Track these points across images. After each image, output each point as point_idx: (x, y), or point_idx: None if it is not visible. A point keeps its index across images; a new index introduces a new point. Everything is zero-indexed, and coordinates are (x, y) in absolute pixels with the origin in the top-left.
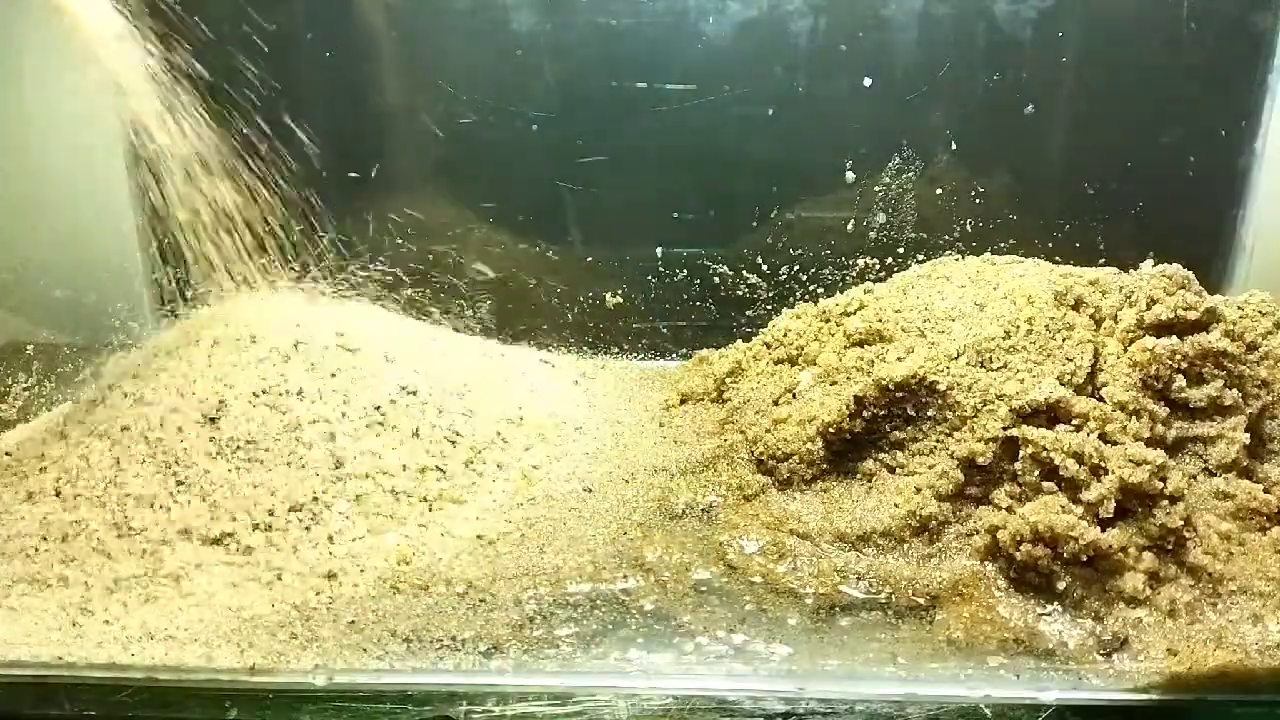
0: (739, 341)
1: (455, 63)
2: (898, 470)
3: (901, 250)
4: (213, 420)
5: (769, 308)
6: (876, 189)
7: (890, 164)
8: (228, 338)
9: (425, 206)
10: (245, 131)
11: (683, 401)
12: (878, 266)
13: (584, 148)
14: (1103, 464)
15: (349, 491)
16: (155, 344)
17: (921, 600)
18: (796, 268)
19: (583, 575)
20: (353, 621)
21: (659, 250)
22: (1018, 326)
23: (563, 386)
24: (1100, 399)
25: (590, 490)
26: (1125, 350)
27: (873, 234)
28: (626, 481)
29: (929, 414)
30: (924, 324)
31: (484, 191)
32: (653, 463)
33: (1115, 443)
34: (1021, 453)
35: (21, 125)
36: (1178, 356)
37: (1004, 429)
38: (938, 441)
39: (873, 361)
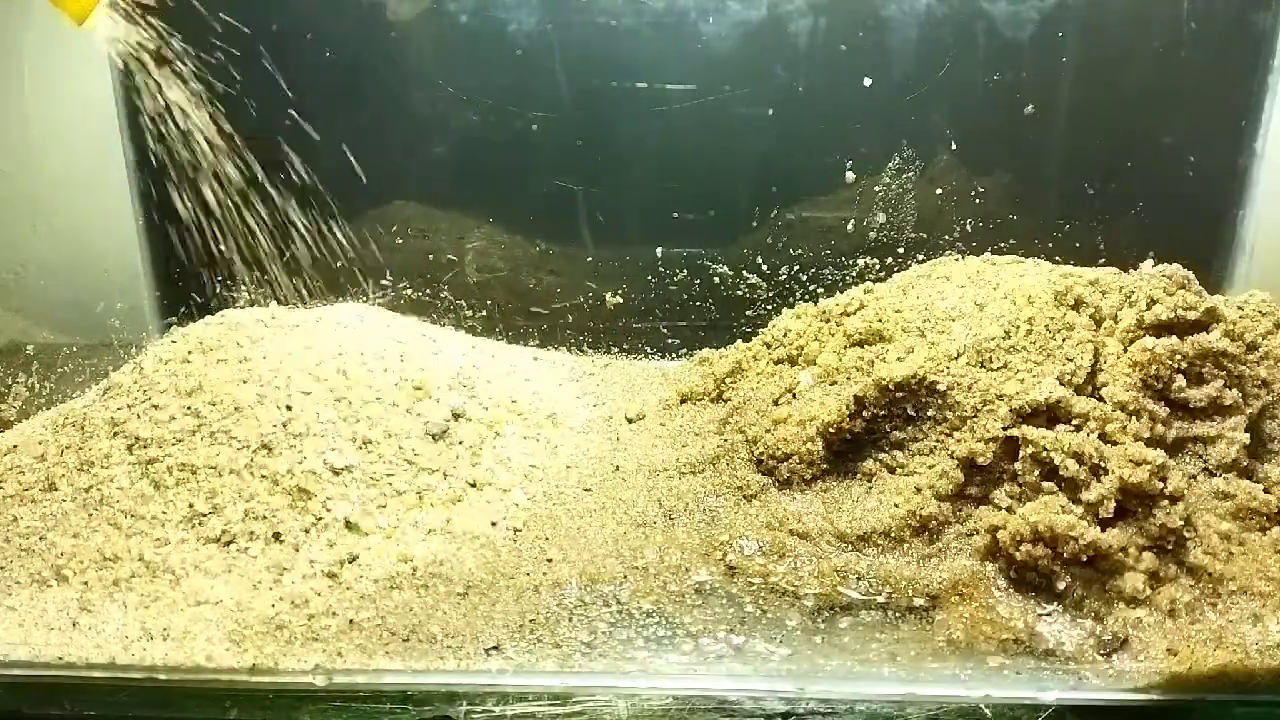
0: (739, 341)
1: (455, 62)
2: (898, 470)
3: (901, 250)
4: (215, 422)
5: (769, 308)
6: (876, 189)
7: (890, 164)
8: (231, 342)
9: (425, 206)
10: (244, 132)
11: (683, 401)
12: (878, 266)
13: (584, 148)
14: (1103, 464)
15: (350, 492)
16: (157, 348)
17: (921, 600)
18: (796, 268)
19: (582, 575)
20: (353, 621)
21: (659, 250)
22: (1018, 326)
23: (562, 386)
24: (1100, 399)
25: (590, 490)
26: (1125, 350)
27: (873, 234)
28: (626, 481)
29: (929, 414)
30: (924, 324)
31: (484, 191)
32: (653, 463)
33: (1115, 443)
34: (1021, 453)
35: (21, 125)
36: (1178, 356)
37: (1004, 429)
38: (938, 441)
39: (873, 361)
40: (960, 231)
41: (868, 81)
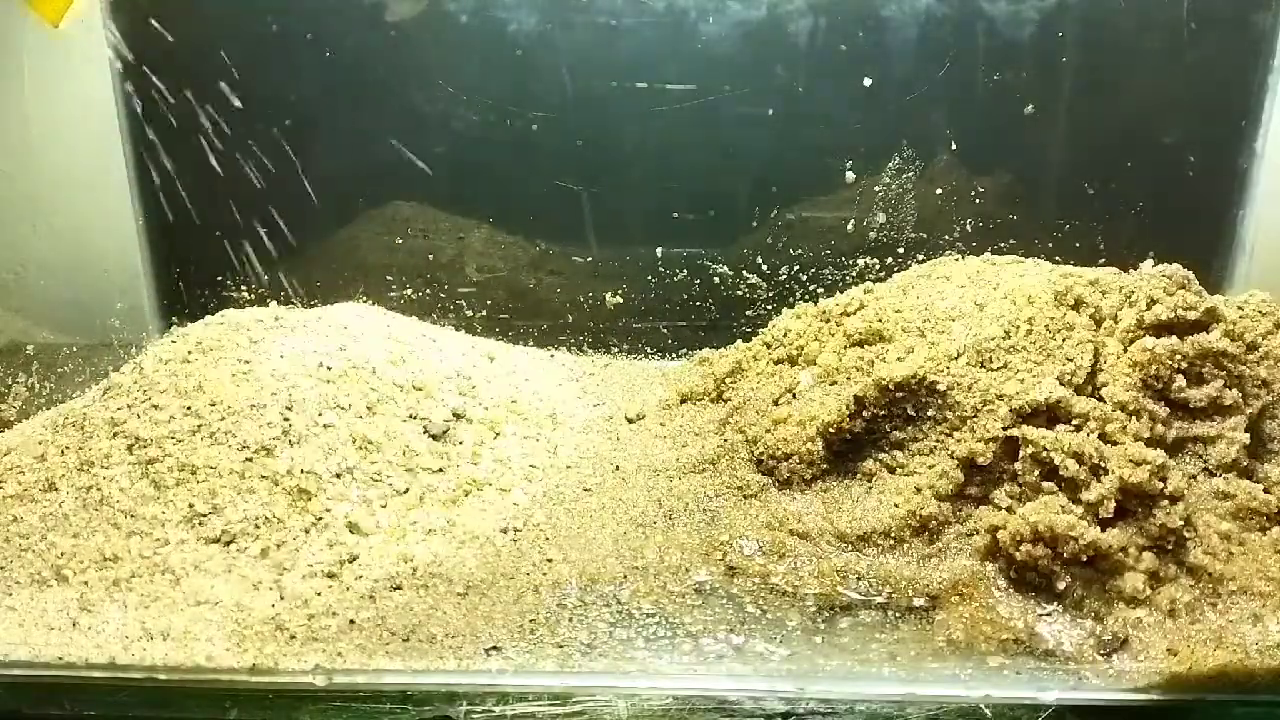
0: (739, 341)
1: (456, 63)
2: (898, 470)
3: (901, 250)
4: (215, 422)
5: (769, 308)
6: (876, 189)
7: (890, 164)
8: (231, 342)
9: (426, 206)
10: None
11: (683, 401)
12: (878, 266)
13: (584, 148)
14: (1103, 464)
15: (350, 492)
16: (157, 348)
17: (921, 600)
18: (796, 268)
19: (582, 575)
20: (353, 621)
21: (659, 250)
22: (1018, 326)
23: (563, 386)
24: (1100, 399)
25: (590, 490)
26: (1125, 350)
27: (873, 234)
28: (626, 481)
29: (929, 414)
30: (924, 324)
31: (484, 191)
32: (653, 463)
33: (1115, 443)
34: (1021, 453)
35: (21, 125)
36: (1178, 356)
37: (1004, 429)
38: (938, 441)
39: (873, 361)
40: (960, 231)
41: (868, 81)
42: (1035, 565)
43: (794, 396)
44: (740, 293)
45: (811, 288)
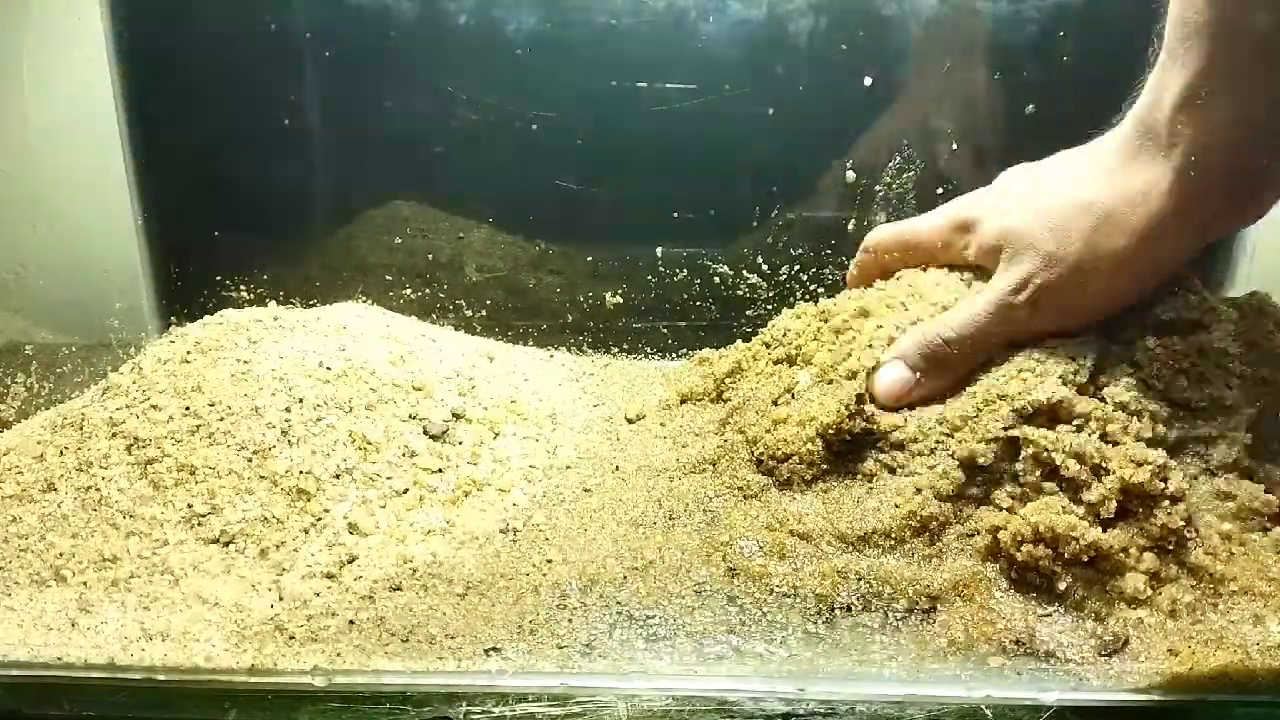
0: (739, 341)
1: (455, 62)
2: (898, 470)
3: None
4: (214, 422)
5: (769, 308)
6: (877, 189)
7: (891, 163)
8: (229, 342)
9: (426, 206)
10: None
11: (683, 401)
12: None
13: (584, 148)
14: (1104, 464)
15: (349, 493)
16: (156, 348)
17: (922, 601)
18: (796, 268)
19: (582, 576)
20: (352, 621)
21: (659, 250)
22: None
23: (562, 386)
24: (1102, 399)
25: (590, 491)
26: (1127, 350)
27: None
28: (626, 482)
29: (929, 414)
30: (908, 298)
31: (484, 191)
32: (653, 463)
33: (1116, 443)
34: (1023, 453)
35: (21, 125)
36: (1179, 356)
37: (1005, 429)
38: (938, 442)
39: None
40: None
41: (868, 81)
42: (1036, 566)
43: (793, 396)
44: (740, 292)
45: (812, 288)
